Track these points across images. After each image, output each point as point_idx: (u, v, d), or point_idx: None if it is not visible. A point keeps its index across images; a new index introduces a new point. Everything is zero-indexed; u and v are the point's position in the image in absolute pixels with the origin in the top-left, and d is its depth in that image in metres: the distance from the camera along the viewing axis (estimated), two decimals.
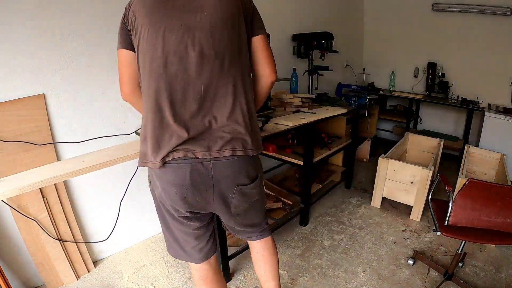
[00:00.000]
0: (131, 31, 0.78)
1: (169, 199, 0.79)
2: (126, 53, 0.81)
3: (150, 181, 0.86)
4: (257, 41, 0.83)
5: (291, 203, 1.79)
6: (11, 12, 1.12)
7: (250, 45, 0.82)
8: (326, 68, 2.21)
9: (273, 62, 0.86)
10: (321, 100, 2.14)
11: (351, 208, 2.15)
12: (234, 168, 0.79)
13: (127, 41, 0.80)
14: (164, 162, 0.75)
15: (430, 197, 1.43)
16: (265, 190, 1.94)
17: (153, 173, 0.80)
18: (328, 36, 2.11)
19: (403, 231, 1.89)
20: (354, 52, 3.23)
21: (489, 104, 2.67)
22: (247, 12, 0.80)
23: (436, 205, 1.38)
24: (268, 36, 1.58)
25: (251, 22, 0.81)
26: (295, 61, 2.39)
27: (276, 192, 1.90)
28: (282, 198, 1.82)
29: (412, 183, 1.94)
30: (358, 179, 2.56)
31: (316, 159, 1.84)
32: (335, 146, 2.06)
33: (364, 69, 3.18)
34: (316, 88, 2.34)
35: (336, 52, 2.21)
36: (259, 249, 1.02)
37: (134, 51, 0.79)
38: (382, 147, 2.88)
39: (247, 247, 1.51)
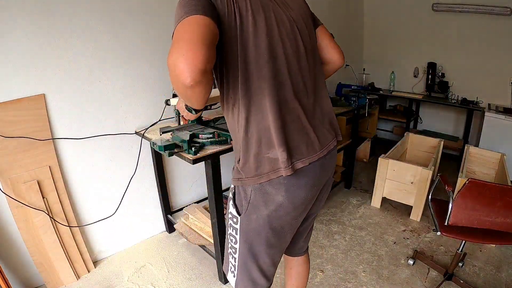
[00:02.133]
0: None
1: (292, 206, 0.71)
2: None
3: (249, 204, 0.72)
4: (322, 31, 0.83)
5: None
6: (11, 12, 1.12)
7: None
8: None
9: (339, 47, 0.86)
10: None
11: (351, 208, 2.15)
12: (334, 158, 0.79)
13: None
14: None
15: (430, 197, 1.43)
16: None
17: (278, 184, 0.69)
18: None
19: (403, 231, 1.89)
20: (353, 52, 3.23)
21: (489, 104, 2.67)
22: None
23: (436, 205, 1.38)
24: None
25: (311, 15, 0.83)
26: None
27: None
28: None
29: (412, 183, 1.94)
30: (358, 179, 2.56)
31: None
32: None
33: (364, 69, 3.18)
34: None
35: None
36: (304, 262, 1.00)
37: None
38: (382, 147, 2.88)
39: None
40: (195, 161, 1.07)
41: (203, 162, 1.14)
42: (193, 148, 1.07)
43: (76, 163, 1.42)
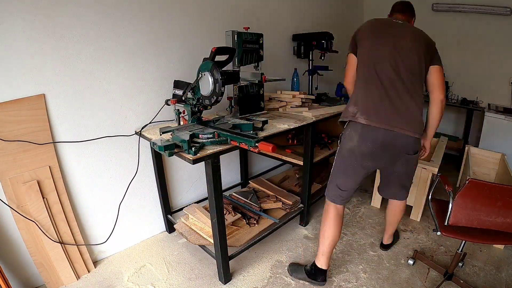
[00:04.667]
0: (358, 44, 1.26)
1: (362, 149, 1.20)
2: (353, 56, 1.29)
3: (345, 136, 1.25)
4: (433, 70, 1.22)
5: (291, 203, 1.78)
6: (11, 12, 1.12)
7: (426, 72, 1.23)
8: (326, 68, 2.21)
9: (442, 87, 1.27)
10: (321, 100, 2.13)
11: (351, 208, 2.15)
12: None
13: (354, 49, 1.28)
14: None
15: (430, 197, 1.42)
16: (264, 190, 1.95)
17: (354, 128, 1.21)
18: (328, 36, 2.11)
19: (403, 231, 1.89)
20: None
21: (489, 104, 2.67)
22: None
23: (436, 205, 1.37)
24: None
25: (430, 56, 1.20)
26: (295, 61, 2.39)
27: (276, 192, 1.90)
28: (282, 198, 1.82)
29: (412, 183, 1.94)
30: None
31: (316, 159, 1.84)
32: (335, 146, 2.05)
33: None
34: (316, 88, 2.33)
35: (336, 52, 2.20)
36: (396, 206, 1.50)
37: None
38: None
39: (246, 248, 1.51)
40: (195, 161, 1.07)
41: (203, 162, 1.13)
42: (193, 148, 1.07)
43: (77, 163, 1.42)
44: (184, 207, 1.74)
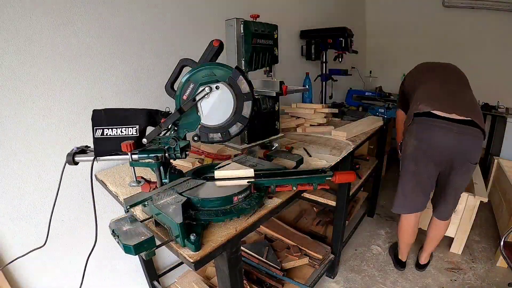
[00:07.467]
0: None
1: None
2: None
3: None
4: None
5: (321, 257, 1.32)
6: None
7: None
8: (345, 72, 1.79)
9: None
10: (342, 113, 1.70)
11: (381, 243, 1.75)
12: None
13: None
14: None
15: (503, 242, 1.07)
16: (281, 237, 1.47)
17: None
18: (347, 33, 1.69)
19: (449, 270, 1.52)
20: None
21: (507, 109, 2.43)
22: None
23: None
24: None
25: None
26: (304, 63, 1.94)
27: (297, 239, 1.42)
28: (307, 250, 1.35)
29: (454, 211, 1.58)
30: (379, 202, 2.18)
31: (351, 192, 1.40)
32: (365, 171, 1.63)
33: (370, 72, 2.83)
34: (331, 97, 1.91)
35: (356, 52, 1.79)
36: (434, 224, 1.40)
37: None
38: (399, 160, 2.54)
39: None
40: (198, 264, 0.55)
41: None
42: (191, 237, 0.56)
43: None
44: (174, 267, 1.25)
